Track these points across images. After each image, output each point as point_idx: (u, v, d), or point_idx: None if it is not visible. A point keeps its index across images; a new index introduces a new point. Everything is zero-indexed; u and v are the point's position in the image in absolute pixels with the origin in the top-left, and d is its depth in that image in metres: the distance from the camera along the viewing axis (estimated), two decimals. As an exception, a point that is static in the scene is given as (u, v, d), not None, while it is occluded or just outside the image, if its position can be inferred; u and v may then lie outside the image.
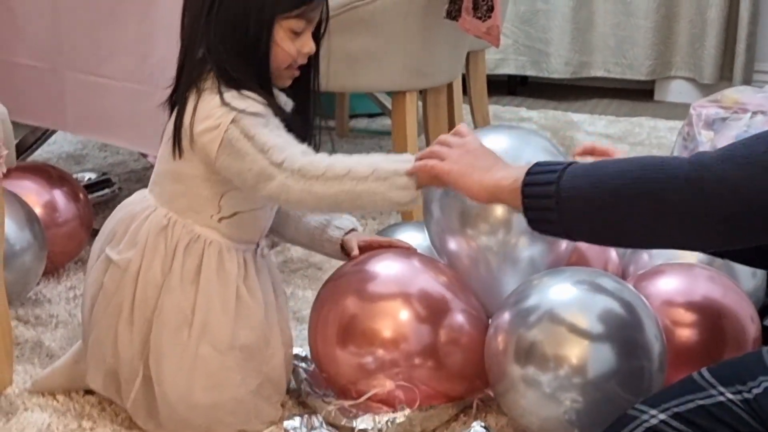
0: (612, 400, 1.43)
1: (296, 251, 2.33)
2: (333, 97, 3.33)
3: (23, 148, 2.56)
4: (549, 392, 1.44)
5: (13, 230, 1.90)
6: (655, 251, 1.87)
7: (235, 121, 1.45)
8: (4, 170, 1.55)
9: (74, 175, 2.38)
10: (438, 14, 2.29)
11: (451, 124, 2.77)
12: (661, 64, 3.82)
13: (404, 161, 1.45)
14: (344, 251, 1.67)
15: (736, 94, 2.40)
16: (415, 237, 1.80)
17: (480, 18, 2.27)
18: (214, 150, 1.46)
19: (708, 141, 2.30)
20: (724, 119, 2.32)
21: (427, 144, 2.66)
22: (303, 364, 1.68)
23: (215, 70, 1.48)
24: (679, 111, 3.55)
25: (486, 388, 1.59)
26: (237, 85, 1.48)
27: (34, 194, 2.10)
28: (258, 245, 1.60)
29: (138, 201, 1.59)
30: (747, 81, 3.67)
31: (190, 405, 1.52)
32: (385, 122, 3.45)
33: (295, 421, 1.47)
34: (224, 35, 1.48)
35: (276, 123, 1.49)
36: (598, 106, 3.82)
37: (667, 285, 1.66)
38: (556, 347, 1.44)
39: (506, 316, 1.51)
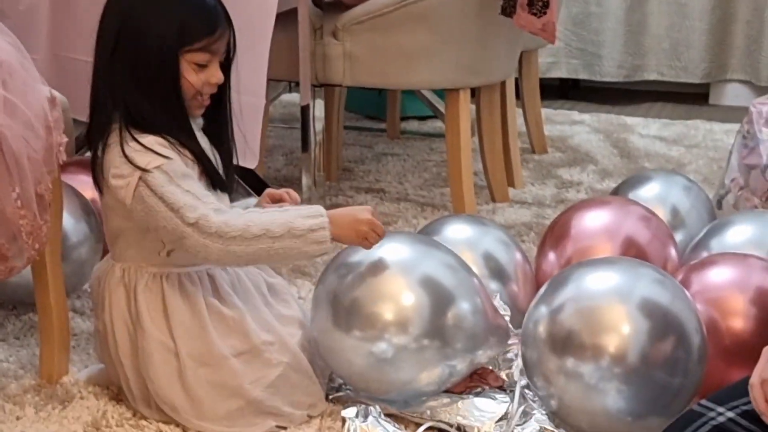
0: (653, 386, 1.42)
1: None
2: (384, 100, 3.33)
3: (81, 144, 2.58)
4: (592, 383, 1.42)
5: (70, 223, 1.91)
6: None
7: (142, 178, 1.47)
8: (65, 158, 1.56)
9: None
10: (493, 10, 2.28)
11: (505, 126, 2.75)
12: (717, 67, 3.77)
13: (317, 216, 1.48)
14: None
15: (797, 91, 2.35)
16: (464, 229, 1.80)
17: (535, 14, 2.25)
18: (128, 203, 1.49)
19: (769, 139, 2.26)
20: (785, 117, 2.27)
21: (480, 145, 2.65)
22: None
23: (121, 114, 1.50)
24: (736, 114, 3.49)
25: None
26: (142, 129, 1.49)
27: (90, 188, 2.09)
28: None
29: (102, 264, 1.64)
30: (804, 83, 3.61)
31: (221, 416, 1.53)
32: (436, 125, 3.44)
33: (352, 410, 1.46)
34: (128, 76, 1.50)
35: (181, 172, 1.48)
36: (652, 109, 3.77)
37: (720, 276, 1.63)
38: (593, 337, 1.42)
39: (543, 307, 1.49)
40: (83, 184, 2.10)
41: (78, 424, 1.56)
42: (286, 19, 2.17)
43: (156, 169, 1.47)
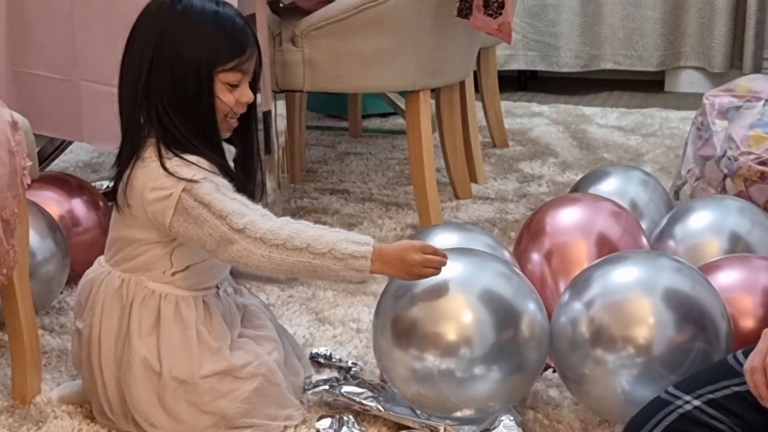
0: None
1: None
2: (345, 98, 3.35)
3: (42, 158, 2.58)
4: (616, 372, 1.46)
5: (36, 240, 1.91)
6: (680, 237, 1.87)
7: (186, 190, 1.48)
8: (29, 181, 1.56)
9: (92, 183, 2.40)
10: (449, 13, 2.30)
11: (465, 122, 2.78)
12: (671, 55, 3.83)
13: (363, 244, 1.48)
14: None
15: (748, 82, 2.40)
16: (451, 238, 1.81)
17: (491, 15, 2.28)
18: (168, 217, 1.50)
19: (722, 130, 2.30)
20: (737, 108, 2.31)
21: (442, 142, 2.68)
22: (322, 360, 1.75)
23: (158, 134, 1.52)
24: (690, 101, 3.55)
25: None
26: (180, 148, 1.51)
27: (55, 204, 2.12)
28: (218, 287, 1.63)
29: (95, 268, 1.64)
30: (757, 69, 3.68)
31: (200, 428, 1.55)
32: (397, 122, 3.46)
33: (326, 422, 1.48)
34: (165, 96, 1.51)
35: (225, 184, 1.51)
36: (609, 98, 3.82)
37: (728, 278, 1.66)
38: (623, 329, 1.46)
39: (575, 303, 1.53)
40: (48, 200, 2.11)
41: (53, 444, 1.57)
42: (244, 27, 2.18)
43: (203, 179, 1.49)
